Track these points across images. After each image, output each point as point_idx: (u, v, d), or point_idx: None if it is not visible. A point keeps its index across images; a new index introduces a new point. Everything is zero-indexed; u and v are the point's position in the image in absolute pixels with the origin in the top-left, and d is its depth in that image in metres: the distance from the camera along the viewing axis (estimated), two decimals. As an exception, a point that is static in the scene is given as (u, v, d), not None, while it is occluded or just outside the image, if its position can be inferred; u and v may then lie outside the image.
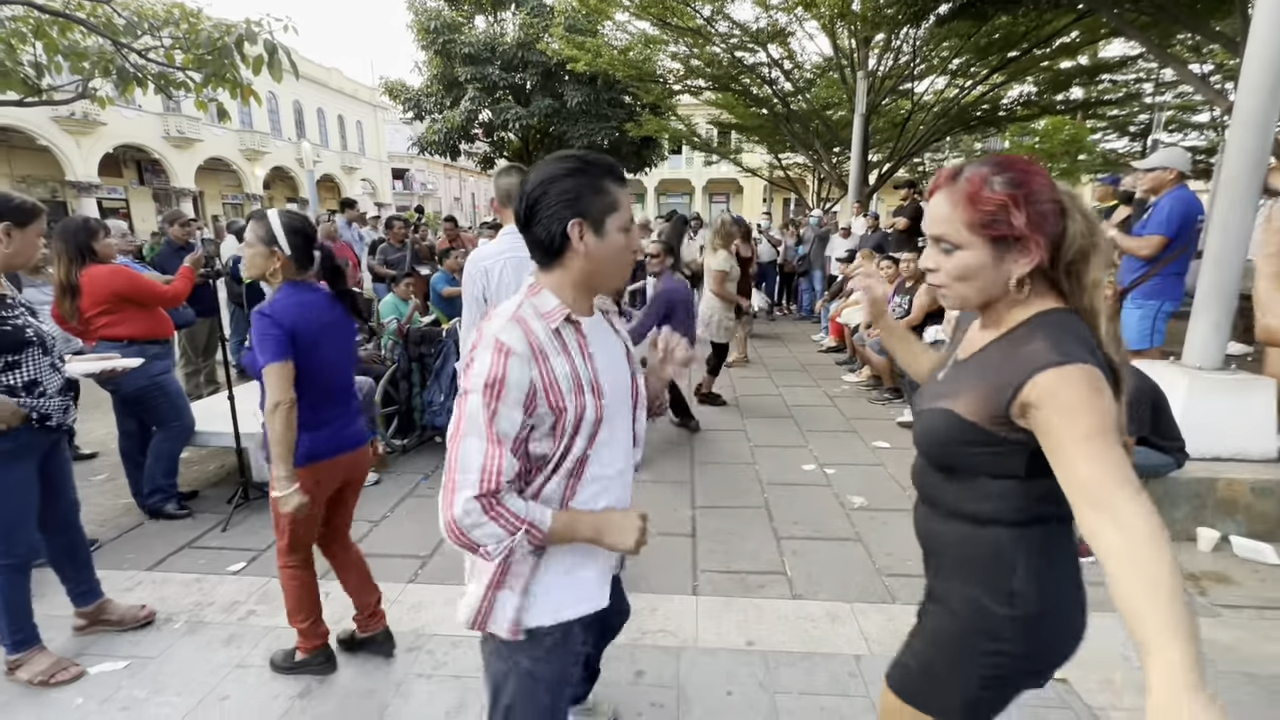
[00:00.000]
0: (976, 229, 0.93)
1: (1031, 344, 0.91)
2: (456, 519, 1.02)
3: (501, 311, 1.11)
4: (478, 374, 1.03)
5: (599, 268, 1.12)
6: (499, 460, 1.03)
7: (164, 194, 24.55)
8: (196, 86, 5.54)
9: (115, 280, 3.11)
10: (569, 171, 1.07)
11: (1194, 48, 8.90)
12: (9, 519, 2.03)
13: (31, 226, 2.04)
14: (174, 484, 3.46)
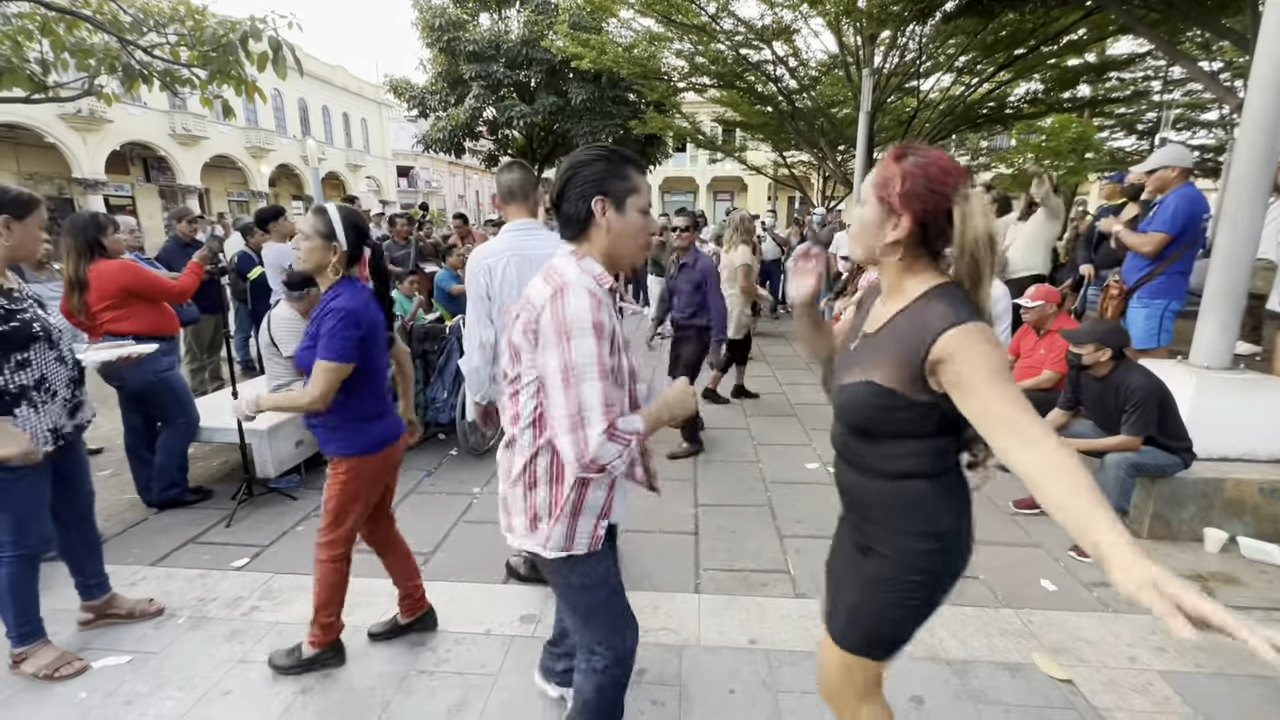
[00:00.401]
0: (874, 189, 1.13)
1: (932, 310, 1.07)
2: (595, 455, 1.17)
3: (566, 265, 1.28)
4: (578, 319, 1.16)
5: (619, 241, 1.30)
6: (610, 394, 1.18)
7: (170, 191, 24.63)
8: (202, 83, 5.55)
9: (123, 275, 3.12)
10: (595, 158, 1.28)
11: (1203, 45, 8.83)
12: (21, 511, 2.04)
13: (30, 218, 2.03)
14: (185, 477, 3.49)
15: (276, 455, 3.57)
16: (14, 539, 2.04)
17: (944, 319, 1.03)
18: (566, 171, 1.29)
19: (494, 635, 2.34)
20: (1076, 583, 2.72)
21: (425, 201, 26.49)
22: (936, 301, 1.07)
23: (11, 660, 2.13)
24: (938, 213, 1.07)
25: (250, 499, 3.46)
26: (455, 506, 3.45)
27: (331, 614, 2.13)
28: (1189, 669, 2.16)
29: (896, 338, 1.10)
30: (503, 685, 2.10)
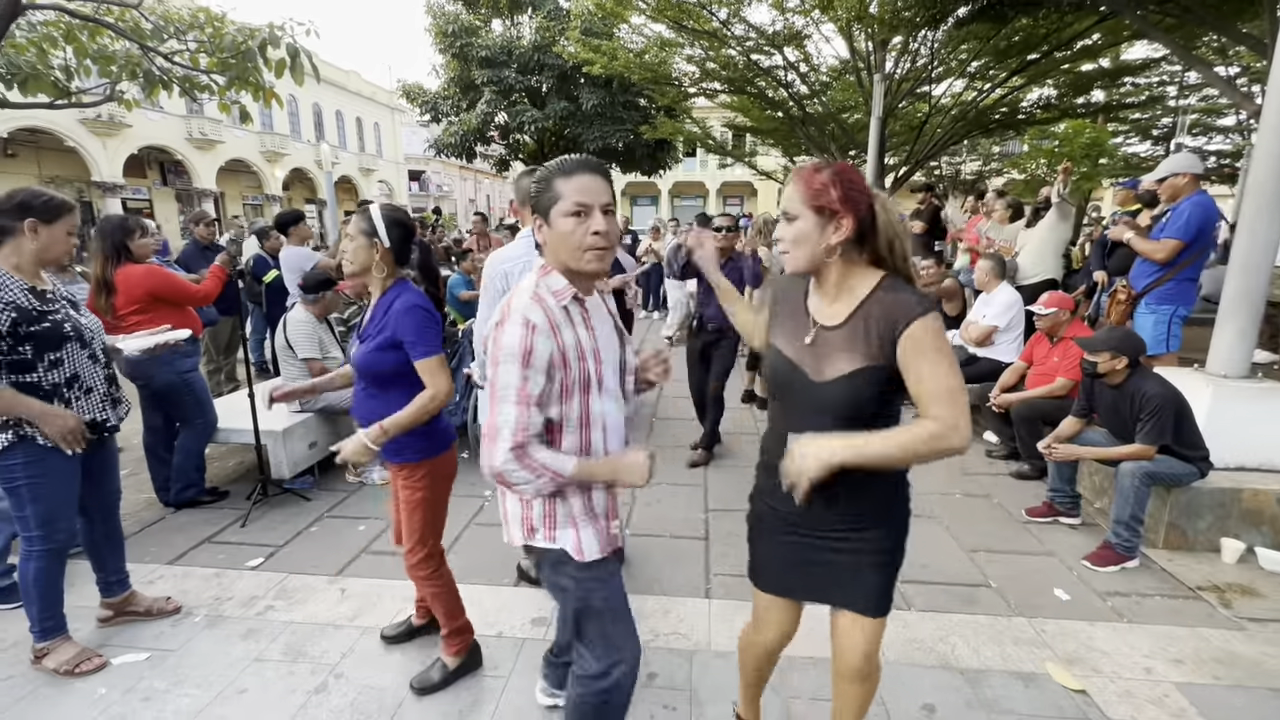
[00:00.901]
0: (807, 203, 1.25)
1: (899, 297, 1.24)
2: (497, 467, 1.26)
3: (523, 289, 1.32)
4: (509, 346, 1.24)
5: (558, 251, 1.30)
6: (525, 419, 1.25)
7: (186, 194, 24.97)
8: (220, 89, 5.66)
9: (150, 280, 3.19)
10: (525, 175, 1.35)
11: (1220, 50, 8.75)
12: (51, 506, 2.08)
13: (59, 223, 2.06)
14: (203, 477, 3.55)
15: (291, 456, 3.61)
16: (43, 532, 2.08)
17: (915, 306, 1.22)
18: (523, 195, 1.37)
19: (505, 637, 2.36)
20: (1090, 592, 2.69)
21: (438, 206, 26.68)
22: (897, 290, 1.26)
23: (33, 655, 2.17)
24: (867, 211, 1.25)
25: (265, 499, 3.50)
26: (467, 509, 3.47)
27: (458, 618, 2.13)
28: (1206, 681, 2.13)
29: (872, 322, 1.25)
30: (514, 687, 2.11)
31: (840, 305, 1.31)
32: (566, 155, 1.34)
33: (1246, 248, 3.07)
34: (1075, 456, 3.13)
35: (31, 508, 2.05)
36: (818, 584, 1.47)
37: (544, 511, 1.41)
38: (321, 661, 2.23)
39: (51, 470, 2.05)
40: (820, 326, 1.33)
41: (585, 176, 1.27)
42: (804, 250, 1.28)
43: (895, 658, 2.23)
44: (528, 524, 1.42)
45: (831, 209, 1.23)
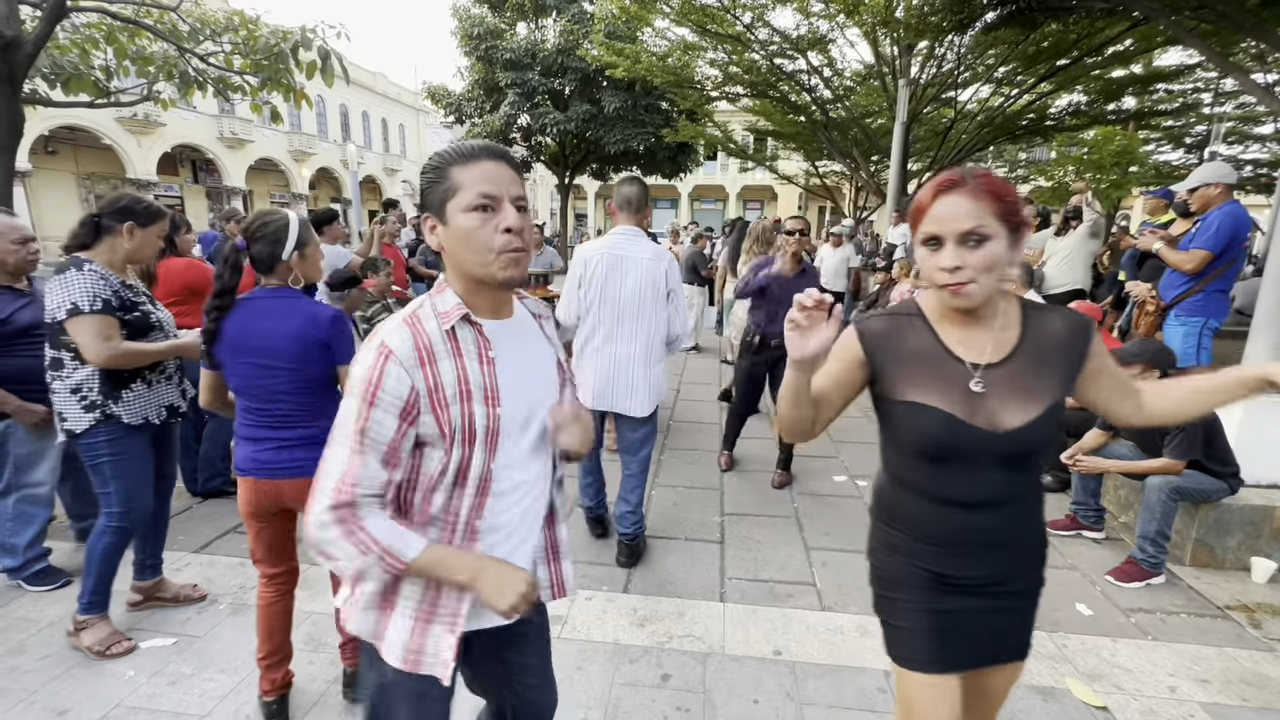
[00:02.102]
0: (1002, 218, 1.01)
1: (1056, 312, 1.14)
2: (310, 525, 0.97)
3: (405, 309, 1.06)
4: (355, 377, 0.97)
5: (457, 258, 1.03)
6: (356, 470, 0.96)
7: (216, 192, 25.56)
8: (253, 90, 5.79)
9: (190, 274, 3.29)
10: (422, 172, 1.06)
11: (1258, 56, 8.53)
12: (130, 483, 2.22)
13: (153, 228, 2.23)
14: (228, 467, 3.62)
15: (314, 450, 3.68)
16: (124, 509, 2.21)
17: (1077, 318, 1.12)
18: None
19: (521, 634, 2.38)
20: (1113, 608, 2.64)
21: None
22: (1042, 309, 1.14)
23: (73, 626, 2.26)
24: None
25: (288, 492, 3.57)
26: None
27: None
28: (1234, 702, 2.08)
29: (1050, 352, 1.10)
30: (529, 684, 2.12)
31: (997, 335, 1.10)
32: (464, 140, 1.07)
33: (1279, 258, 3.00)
34: (1101, 469, 3.08)
35: (115, 484, 2.18)
36: (991, 646, 1.23)
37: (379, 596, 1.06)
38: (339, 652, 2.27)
39: (131, 449, 2.20)
40: (983, 367, 1.10)
41: (489, 163, 1.01)
42: (995, 275, 1.04)
43: (912, 667, 2.21)
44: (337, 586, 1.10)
45: (1025, 222, 1.04)
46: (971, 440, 1.08)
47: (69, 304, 2.04)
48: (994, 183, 1.02)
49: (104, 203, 2.18)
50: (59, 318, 2.06)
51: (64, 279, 2.06)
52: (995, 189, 1.01)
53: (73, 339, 2.08)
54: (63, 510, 2.94)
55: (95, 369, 2.13)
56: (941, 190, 1.03)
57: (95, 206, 2.18)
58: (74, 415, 2.14)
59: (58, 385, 2.14)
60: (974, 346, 1.10)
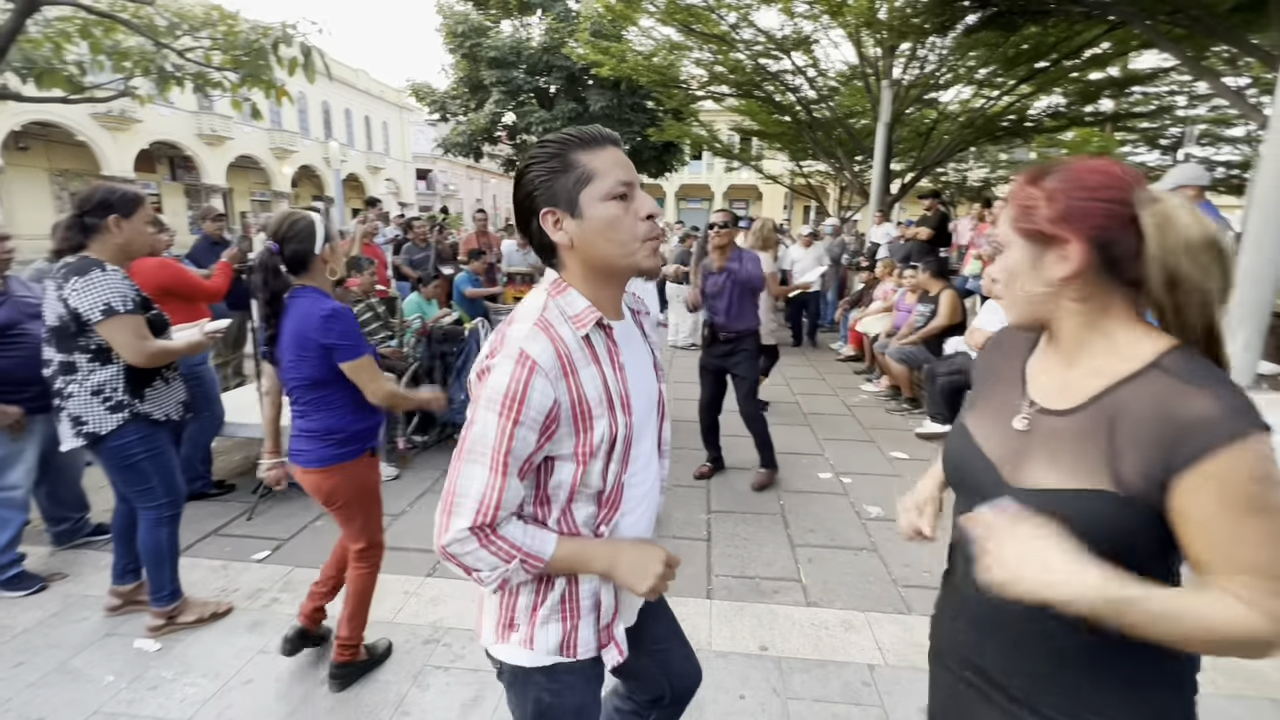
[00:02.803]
0: (1015, 226, 0.84)
1: (1192, 394, 0.72)
2: (446, 545, 0.93)
3: (525, 312, 0.98)
4: (494, 388, 0.90)
5: (593, 251, 0.96)
6: (499, 492, 0.92)
7: (195, 190, 25.13)
8: (233, 86, 5.70)
9: (162, 273, 3.22)
10: (530, 161, 0.97)
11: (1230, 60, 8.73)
12: (170, 471, 2.29)
13: (138, 215, 2.18)
14: (209, 470, 3.58)
15: (297, 451, 3.64)
16: (171, 498, 2.29)
17: (1218, 420, 0.69)
18: (516, 190, 0.99)
19: (508, 634, 2.38)
20: (1091, 600, 2.69)
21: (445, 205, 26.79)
22: (1187, 379, 0.73)
23: (162, 620, 2.31)
24: (1117, 227, 0.76)
25: (271, 494, 3.52)
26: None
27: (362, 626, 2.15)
28: (1206, 690, 2.13)
29: (1129, 427, 0.75)
30: (516, 683, 2.12)
31: (1078, 377, 0.83)
32: (568, 129, 0.99)
33: (1252, 259, 3.08)
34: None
35: (158, 478, 2.23)
36: None
37: (535, 601, 1.04)
38: (325, 655, 2.25)
39: (162, 442, 2.26)
40: (1039, 408, 0.86)
41: (614, 149, 0.97)
42: (1016, 289, 0.85)
43: (896, 661, 2.24)
44: (504, 619, 1.05)
45: (1046, 233, 0.79)
46: (983, 477, 0.89)
47: (102, 305, 2.03)
48: (1020, 185, 0.84)
49: (81, 199, 2.13)
50: (93, 319, 2.03)
51: (89, 280, 2.03)
52: (1016, 192, 0.84)
53: (106, 340, 2.08)
54: (38, 514, 2.89)
55: (119, 369, 2.13)
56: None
57: (73, 205, 2.15)
58: (97, 417, 2.12)
59: (74, 389, 2.10)
60: (1051, 380, 0.88)
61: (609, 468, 1.00)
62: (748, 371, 3.71)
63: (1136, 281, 0.78)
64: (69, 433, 2.13)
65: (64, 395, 2.11)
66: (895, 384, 5.76)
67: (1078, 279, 0.79)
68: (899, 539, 1.25)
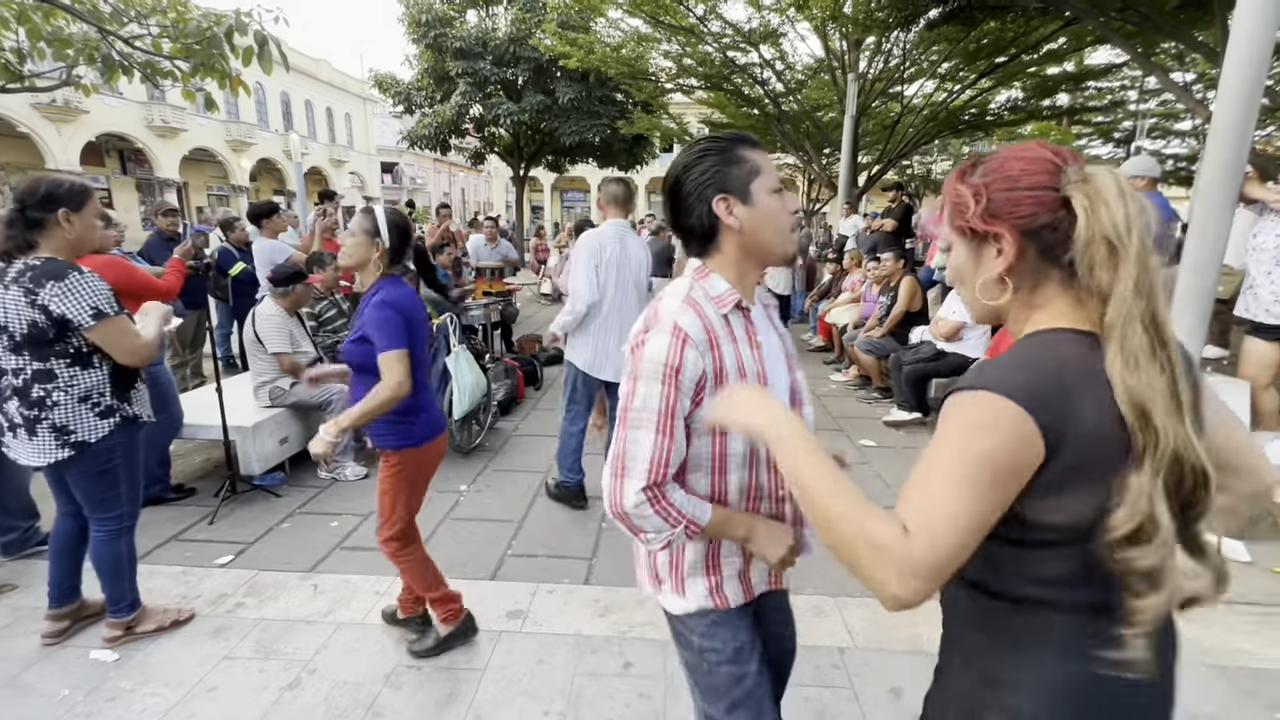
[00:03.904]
0: (951, 225, 0.84)
1: (987, 361, 0.79)
2: (626, 508, 1.03)
3: (675, 291, 1.10)
4: (653, 359, 1.01)
5: (757, 237, 1.10)
6: (667, 452, 1.02)
7: (148, 184, 24.18)
8: (184, 76, 5.48)
9: (111, 272, 3.05)
10: (699, 154, 1.09)
11: (1177, 56, 9.06)
12: (134, 481, 2.22)
13: (88, 208, 2.09)
14: (168, 474, 3.46)
15: (260, 452, 3.55)
16: (132, 509, 2.22)
17: (967, 376, 0.77)
18: (674, 183, 1.10)
19: (482, 631, 2.36)
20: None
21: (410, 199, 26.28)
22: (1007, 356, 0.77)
23: (122, 628, 2.24)
24: (1046, 213, 0.75)
25: (234, 496, 3.43)
26: (443, 504, 3.45)
27: (438, 588, 2.23)
28: (1155, 660, 2.24)
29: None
30: (490, 679, 2.12)
31: None
32: (725, 133, 1.13)
33: (1196, 248, 3.21)
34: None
35: (125, 485, 2.17)
36: None
37: (672, 558, 1.17)
38: (294, 658, 2.21)
39: (138, 446, 2.22)
40: None
41: (766, 151, 1.13)
42: (969, 288, 0.85)
43: (865, 643, 2.29)
44: (653, 571, 1.21)
45: (974, 229, 0.80)
46: None
47: (91, 309, 1.95)
48: (951, 183, 0.84)
49: (23, 193, 2.00)
50: (84, 324, 1.95)
51: (70, 285, 1.93)
52: (947, 190, 0.84)
53: (99, 343, 2.02)
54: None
55: (104, 373, 2.06)
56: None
57: (14, 201, 2.01)
58: (87, 424, 2.03)
59: (58, 397, 1.99)
60: None
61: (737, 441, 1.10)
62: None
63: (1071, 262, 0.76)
64: (51, 445, 2.00)
65: (44, 405, 1.98)
66: (864, 373, 5.87)
67: (1015, 270, 0.79)
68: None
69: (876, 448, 4.38)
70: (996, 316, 0.86)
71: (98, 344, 2.02)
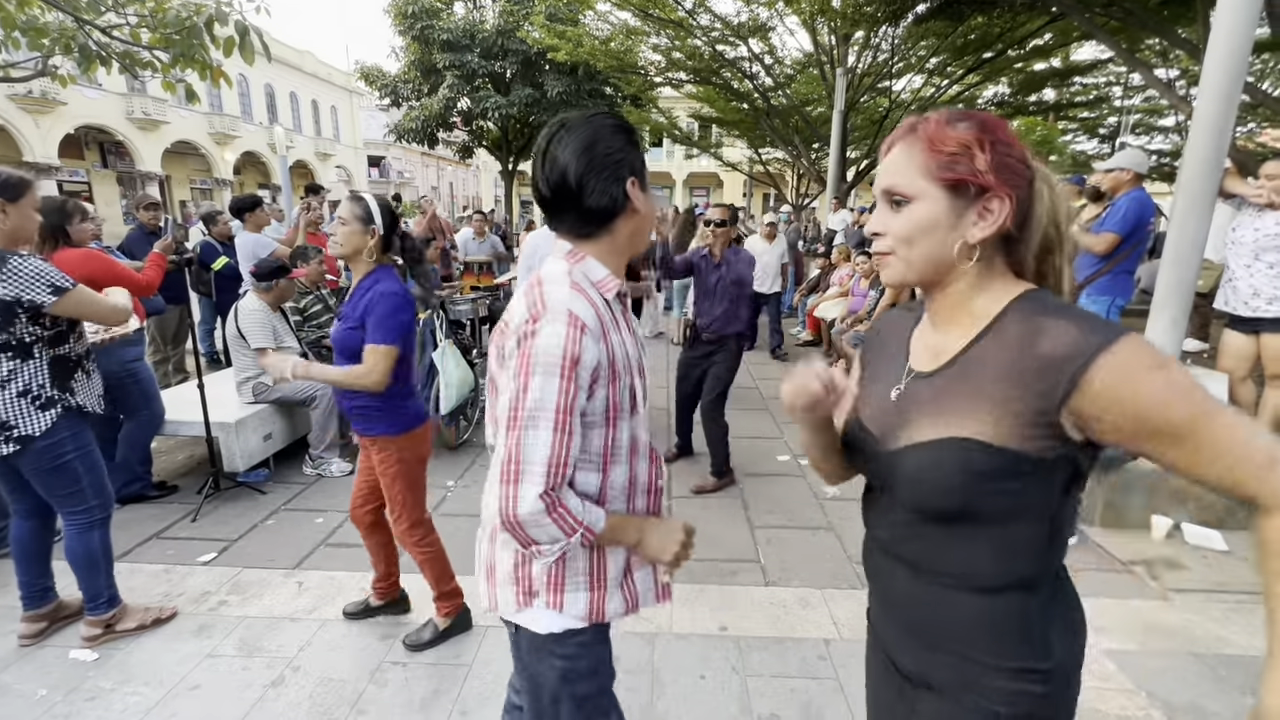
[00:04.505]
0: (933, 174, 0.76)
1: (1053, 329, 0.71)
2: (520, 517, 0.92)
3: (554, 277, 1.00)
4: (549, 351, 0.92)
5: (645, 226, 1.07)
6: (568, 450, 0.93)
7: (129, 177, 23.77)
8: (164, 66, 5.38)
9: (88, 265, 3.00)
10: (612, 129, 1.00)
11: (1161, 53, 9.15)
12: (100, 471, 2.17)
13: (25, 200, 2.04)
14: (149, 471, 3.42)
15: (244, 449, 3.51)
16: (101, 500, 2.18)
17: (1083, 340, 0.69)
18: (581, 155, 0.97)
19: (468, 626, 2.36)
20: (1032, 569, 2.83)
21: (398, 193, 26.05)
22: (1041, 316, 0.74)
23: (101, 626, 2.21)
24: (1027, 186, 0.77)
25: (217, 493, 3.39)
26: (430, 499, 3.38)
27: (447, 582, 2.26)
28: (1132, 648, 2.28)
29: (997, 373, 0.75)
30: (476, 675, 2.11)
31: (952, 339, 0.82)
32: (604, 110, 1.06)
33: (1177, 243, 3.25)
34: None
35: (87, 478, 2.12)
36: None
37: (552, 569, 1.06)
38: (278, 655, 2.19)
39: (90, 437, 2.15)
40: (914, 374, 0.85)
41: None
42: (923, 249, 0.78)
43: (850, 635, 2.31)
44: (525, 585, 1.07)
45: (978, 183, 0.74)
46: (865, 448, 0.90)
47: (48, 286, 1.94)
48: (936, 129, 0.76)
49: None
50: (45, 302, 1.93)
51: (13, 269, 1.91)
52: (933, 136, 0.76)
53: (75, 315, 2.04)
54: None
55: (42, 363, 2.02)
56: (891, 142, 0.81)
57: None
58: (29, 418, 2.00)
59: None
60: (926, 345, 0.87)
61: (636, 428, 1.07)
62: (724, 373, 3.64)
63: (1010, 247, 0.80)
64: None
65: None
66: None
67: (989, 242, 0.77)
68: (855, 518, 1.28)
69: (863, 441, 4.41)
70: (929, 283, 0.82)
71: (71, 315, 2.03)
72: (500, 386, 1.02)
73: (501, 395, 0.99)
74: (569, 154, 0.98)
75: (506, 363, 0.99)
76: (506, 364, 0.99)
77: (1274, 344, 3.21)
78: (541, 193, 1.02)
